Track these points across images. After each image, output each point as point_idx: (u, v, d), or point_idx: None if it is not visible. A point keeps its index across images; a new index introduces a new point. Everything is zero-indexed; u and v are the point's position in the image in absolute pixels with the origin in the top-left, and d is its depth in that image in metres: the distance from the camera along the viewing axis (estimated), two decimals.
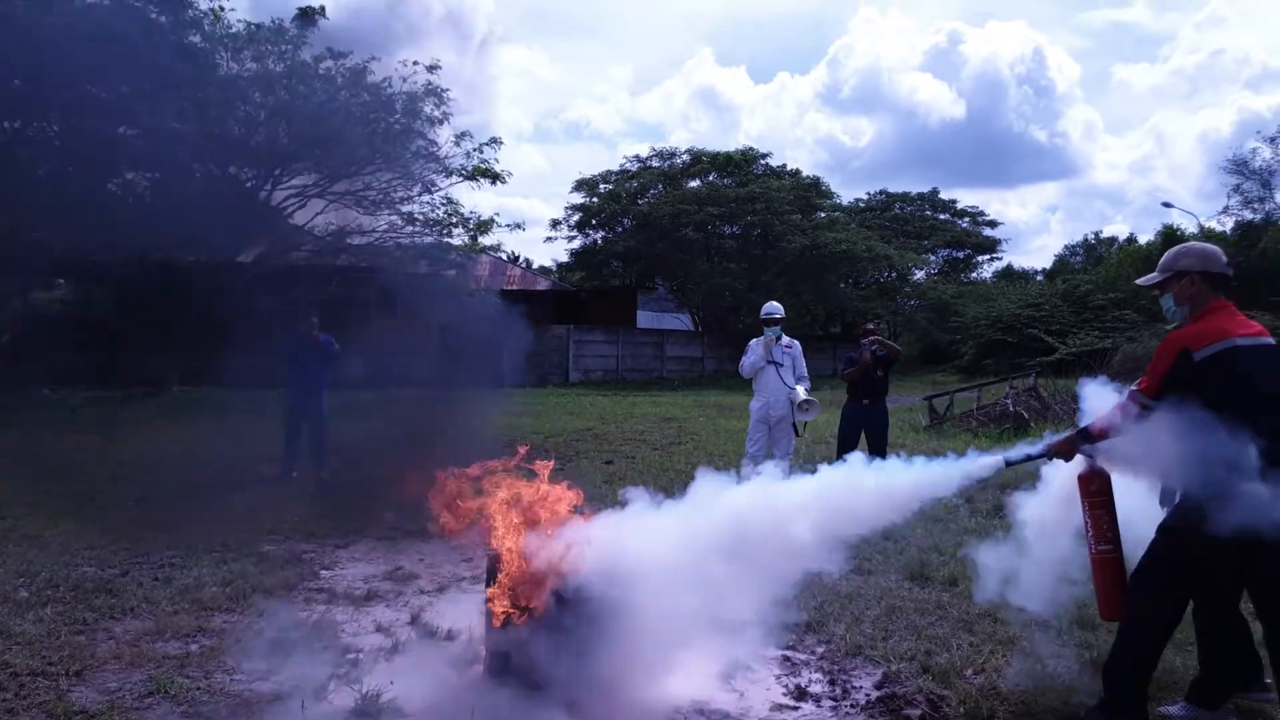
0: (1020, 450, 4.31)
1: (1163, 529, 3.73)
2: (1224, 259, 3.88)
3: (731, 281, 36.18)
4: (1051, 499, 4.63)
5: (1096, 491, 4.03)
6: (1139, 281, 4.20)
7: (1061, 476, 4.45)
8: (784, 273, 37.26)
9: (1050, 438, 4.16)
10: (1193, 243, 4.00)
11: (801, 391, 8.76)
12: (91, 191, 21.44)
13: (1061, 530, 4.49)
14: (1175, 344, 3.61)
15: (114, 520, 7.82)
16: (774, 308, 9.29)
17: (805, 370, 9.15)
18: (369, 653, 4.66)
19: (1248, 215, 45.26)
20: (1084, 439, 3.98)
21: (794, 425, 9.00)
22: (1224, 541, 3.40)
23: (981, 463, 4.34)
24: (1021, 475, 9.91)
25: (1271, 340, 3.69)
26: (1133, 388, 3.78)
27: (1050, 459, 4.15)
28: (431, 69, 22.54)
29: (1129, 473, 4.08)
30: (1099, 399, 4.40)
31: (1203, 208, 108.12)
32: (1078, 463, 4.13)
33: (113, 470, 10.55)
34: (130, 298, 26.18)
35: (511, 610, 4.05)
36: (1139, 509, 4.19)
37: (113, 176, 22.93)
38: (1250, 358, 3.56)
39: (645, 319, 39.73)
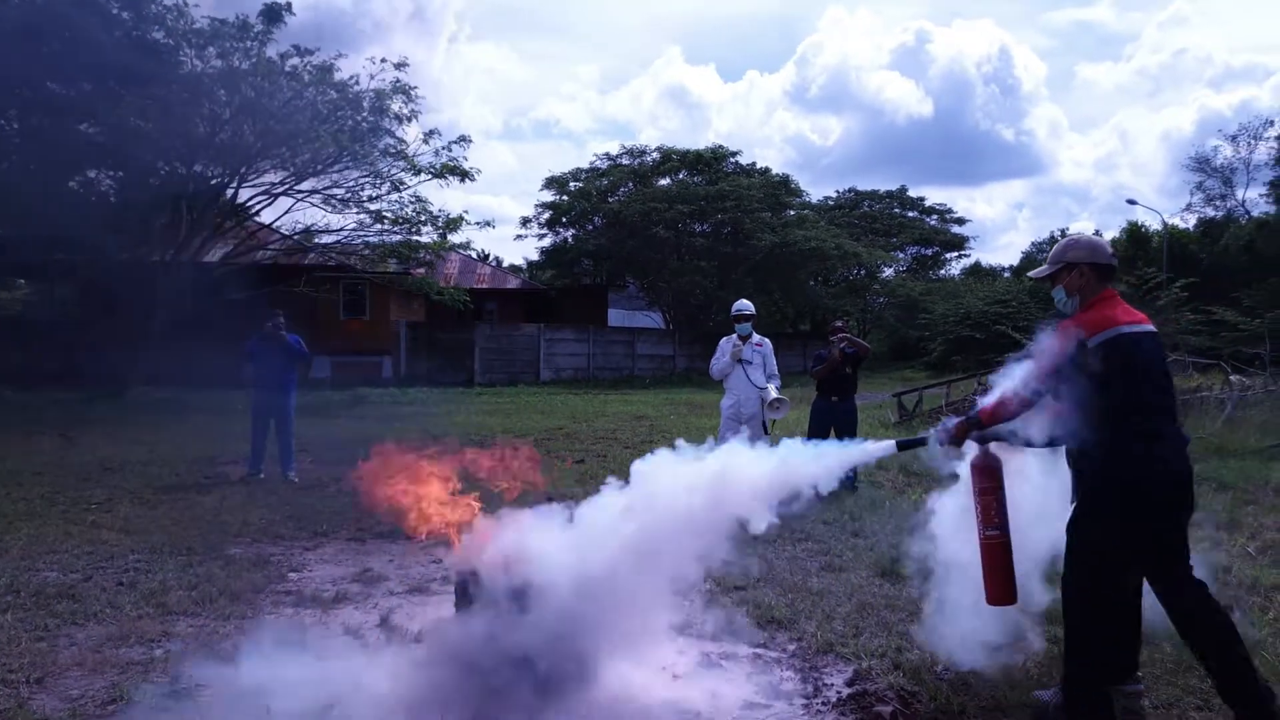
0: (913, 436, 4.39)
1: (1073, 517, 3.81)
2: (1110, 250, 3.99)
3: (702, 279, 36.25)
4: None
5: (987, 477, 4.06)
6: (1031, 274, 4.30)
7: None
8: (754, 270, 37.37)
9: (945, 422, 4.20)
10: (1080, 235, 4.08)
11: (772, 390, 8.70)
12: (52, 190, 21.10)
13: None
14: (1069, 334, 3.73)
15: (76, 523, 7.70)
16: (744, 305, 9.23)
17: (775, 368, 9.08)
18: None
19: (1210, 212, 46.07)
20: (975, 425, 4.04)
21: (764, 423, 8.97)
22: (1133, 516, 3.60)
23: (878, 445, 4.48)
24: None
25: (1152, 328, 3.85)
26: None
27: (942, 444, 4.19)
28: (399, 66, 22.43)
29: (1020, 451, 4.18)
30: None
31: (1166, 204, 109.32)
32: (970, 448, 4.16)
33: (75, 472, 10.38)
34: (92, 297, 25.86)
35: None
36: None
37: (74, 175, 22.59)
38: (1140, 344, 3.73)
39: (616, 317, 39.72)
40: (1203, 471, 9.85)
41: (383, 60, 22.84)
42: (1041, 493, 4.38)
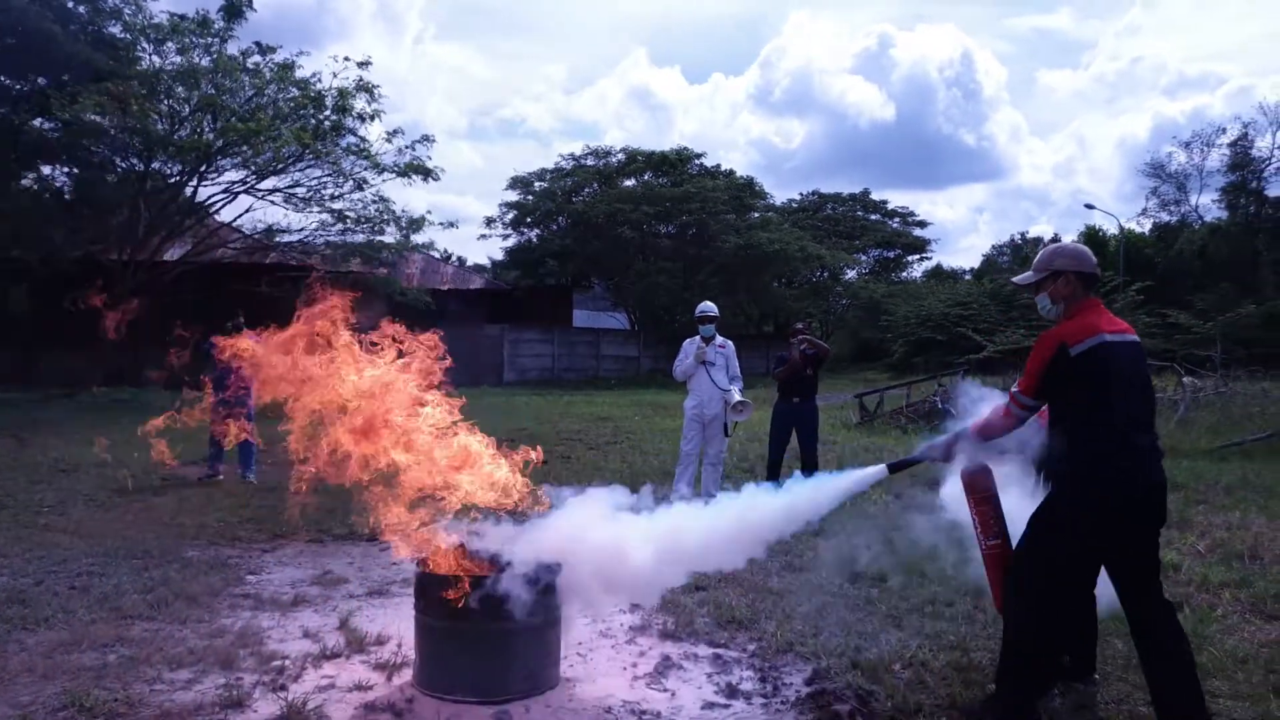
0: (906, 456, 4.43)
1: (1036, 519, 3.84)
2: (1094, 259, 4.01)
3: (667, 280, 36.29)
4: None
5: (980, 489, 4.11)
6: (1015, 280, 4.29)
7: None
8: (719, 272, 37.47)
9: (931, 440, 4.24)
10: (1066, 243, 4.07)
11: (736, 393, 8.73)
12: (5, 187, 20.70)
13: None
14: (1053, 341, 3.73)
15: (27, 527, 7.57)
16: (708, 307, 9.27)
17: (738, 370, 9.13)
18: (295, 659, 4.57)
19: (1165, 217, 46.95)
20: (963, 440, 4.06)
21: (725, 425, 9.00)
22: (1098, 526, 3.61)
23: (868, 473, 4.45)
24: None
25: (1135, 336, 3.87)
26: (1013, 389, 3.87)
27: (931, 461, 4.23)
28: (362, 65, 22.22)
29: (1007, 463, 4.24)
30: (975, 402, 4.46)
31: (1122, 209, 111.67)
32: (961, 463, 4.17)
33: (27, 474, 10.20)
34: (47, 296, 25.35)
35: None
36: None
37: (28, 171, 22.18)
38: (1119, 352, 3.73)
39: (581, 318, 39.66)
40: None
41: (345, 59, 22.66)
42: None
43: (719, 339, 9.16)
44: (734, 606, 5.45)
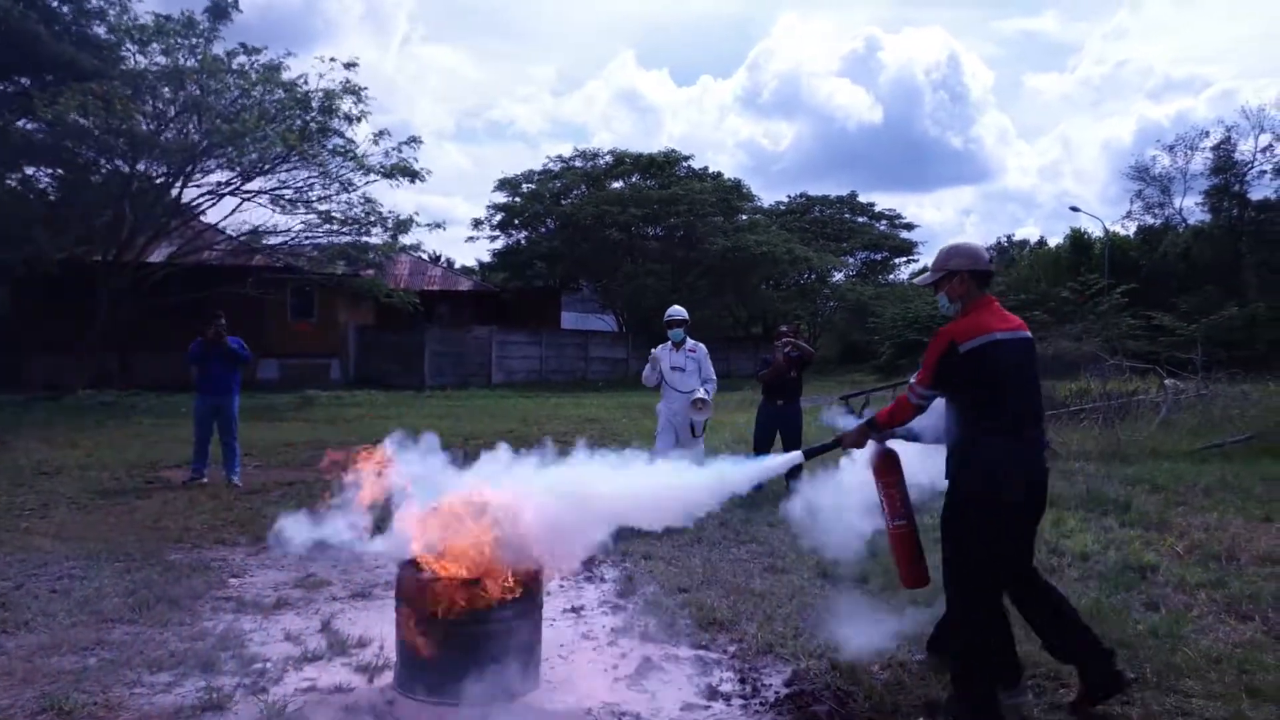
0: (819, 443, 4.71)
1: (947, 508, 4.06)
2: (988, 257, 4.17)
3: (655, 282, 36.34)
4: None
5: (888, 472, 4.37)
6: (917, 281, 4.51)
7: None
8: (706, 274, 37.56)
9: (844, 429, 4.52)
10: (961, 243, 4.22)
11: (700, 391, 8.64)
12: None
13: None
14: (944, 338, 3.94)
15: (9, 530, 7.54)
16: (676, 311, 9.15)
17: (712, 373, 9.03)
18: (277, 662, 4.57)
19: (1149, 220, 47.24)
20: (873, 428, 4.32)
21: (691, 426, 8.90)
22: (1000, 515, 3.88)
23: (787, 458, 4.76)
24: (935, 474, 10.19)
25: (1027, 333, 4.06)
26: (911, 380, 4.12)
27: (845, 448, 4.49)
28: (349, 66, 22.22)
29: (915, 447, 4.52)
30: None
31: (1107, 212, 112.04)
32: (870, 449, 4.44)
33: (8, 477, 10.15)
34: (31, 298, 25.22)
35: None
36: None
37: (11, 172, 22.04)
38: (1006, 349, 3.91)
39: (569, 320, 39.68)
40: (1137, 474, 10.14)
41: (332, 60, 22.68)
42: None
43: (689, 342, 9.06)
44: (715, 608, 5.47)
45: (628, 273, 36.72)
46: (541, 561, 4.31)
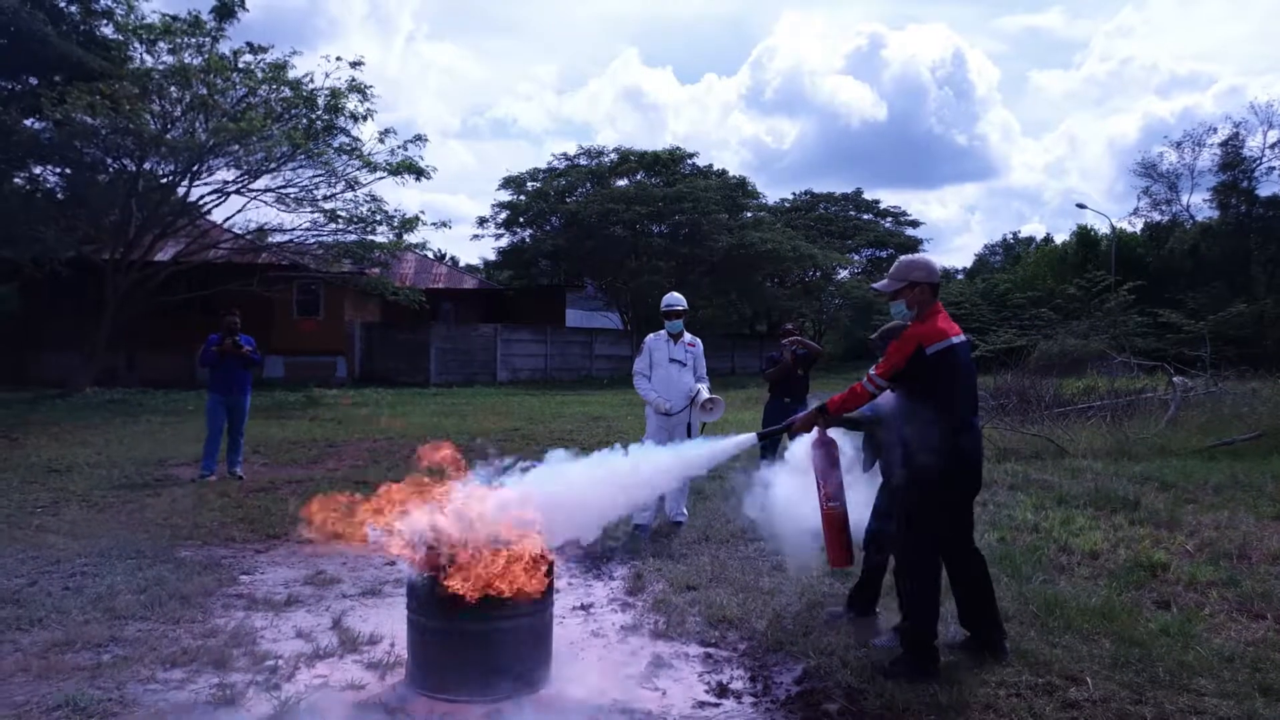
0: (773, 427, 4.92)
1: (905, 487, 4.53)
2: (940, 270, 4.71)
3: (660, 280, 36.22)
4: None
5: (826, 457, 4.75)
6: (874, 287, 4.93)
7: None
8: (711, 271, 37.50)
9: (796, 413, 4.93)
10: (918, 256, 4.75)
11: (705, 390, 7.83)
12: None
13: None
14: (913, 341, 4.44)
15: (21, 527, 7.56)
16: (675, 300, 8.34)
17: (704, 371, 8.20)
18: (288, 659, 4.59)
19: (1156, 217, 47.09)
20: (823, 414, 4.71)
21: (689, 426, 7.95)
22: (951, 485, 4.48)
23: (740, 440, 4.99)
24: None
25: (965, 336, 4.63)
26: (871, 371, 4.56)
27: (794, 433, 4.86)
28: (355, 64, 22.23)
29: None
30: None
31: (1113, 209, 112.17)
32: (813, 434, 4.83)
33: (20, 474, 10.19)
34: (39, 297, 25.30)
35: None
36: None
37: (19, 171, 22.11)
38: (960, 353, 4.52)
39: (574, 318, 39.64)
40: (1145, 472, 10.12)
41: (338, 58, 22.68)
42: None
43: (687, 336, 8.23)
44: (725, 605, 5.48)
45: (632, 270, 36.66)
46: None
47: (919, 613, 4.46)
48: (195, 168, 21.86)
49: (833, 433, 4.83)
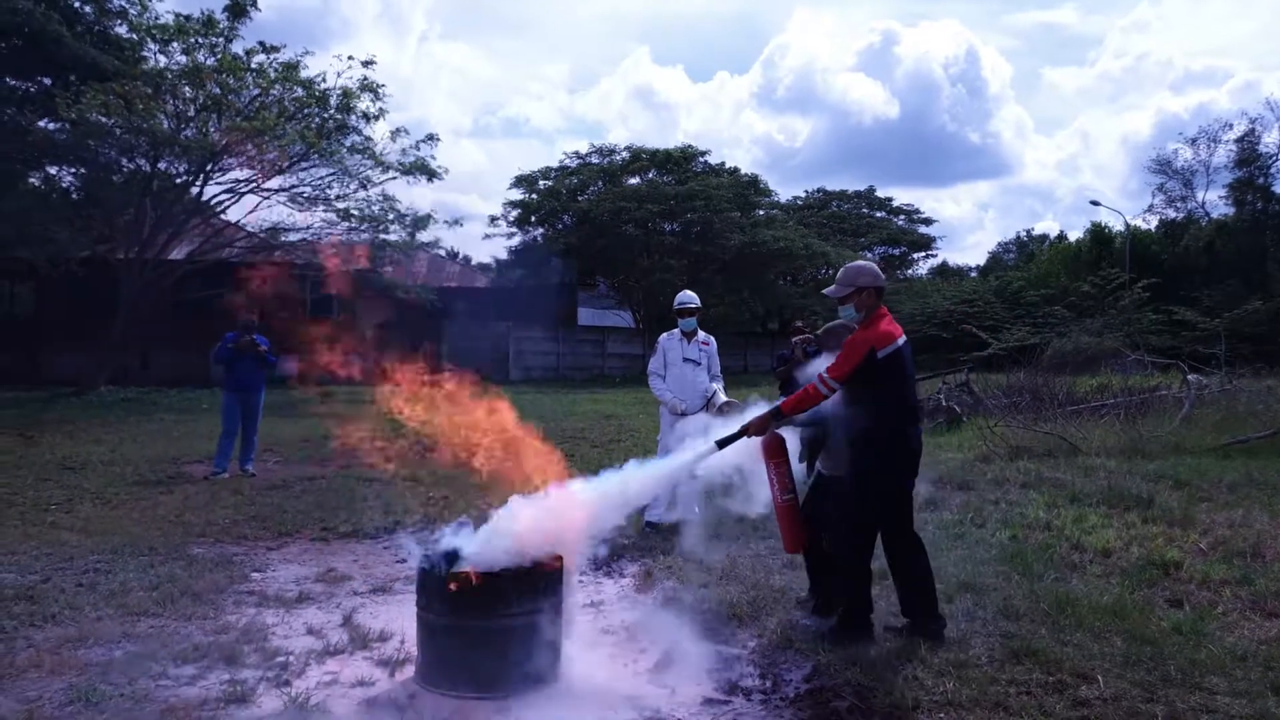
0: (728, 432, 5.10)
1: (853, 478, 4.84)
2: (884, 276, 5.10)
3: (672, 278, 36.23)
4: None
5: (777, 454, 5.03)
6: (826, 292, 5.21)
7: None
8: (723, 269, 37.49)
9: (749, 417, 5.05)
10: (864, 263, 5.12)
11: (720, 393, 7.75)
12: (10, 187, 20.76)
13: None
14: (864, 344, 4.73)
15: (35, 524, 7.62)
16: (688, 298, 8.27)
17: (719, 369, 8.15)
18: (299, 656, 4.61)
19: (1171, 214, 46.75)
20: (777, 416, 4.93)
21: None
22: (896, 476, 4.83)
23: (701, 451, 5.11)
24: (954, 469, 10.16)
25: (905, 337, 4.92)
26: (822, 373, 4.80)
27: (750, 434, 4.98)
28: (367, 64, 22.28)
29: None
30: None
31: (1127, 205, 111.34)
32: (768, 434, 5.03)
33: (34, 472, 10.26)
34: (54, 296, 25.47)
35: None
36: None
37: (34, 170, 22.26)
38: (905, 353, 4.86)
39: (586, 316, 39.68)
40: (1159, 470, 10.05)
41: (350, 58, 22.71)
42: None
43: (701, 334, 8.15)
44: (735, 603, 5.47)
45: (644, 269, 36.65)
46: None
47: (856, 595, 4.85)
48: (209, 167, 21.96)
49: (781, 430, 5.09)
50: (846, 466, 4.88)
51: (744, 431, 4.99)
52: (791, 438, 5.23)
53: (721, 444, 5.02)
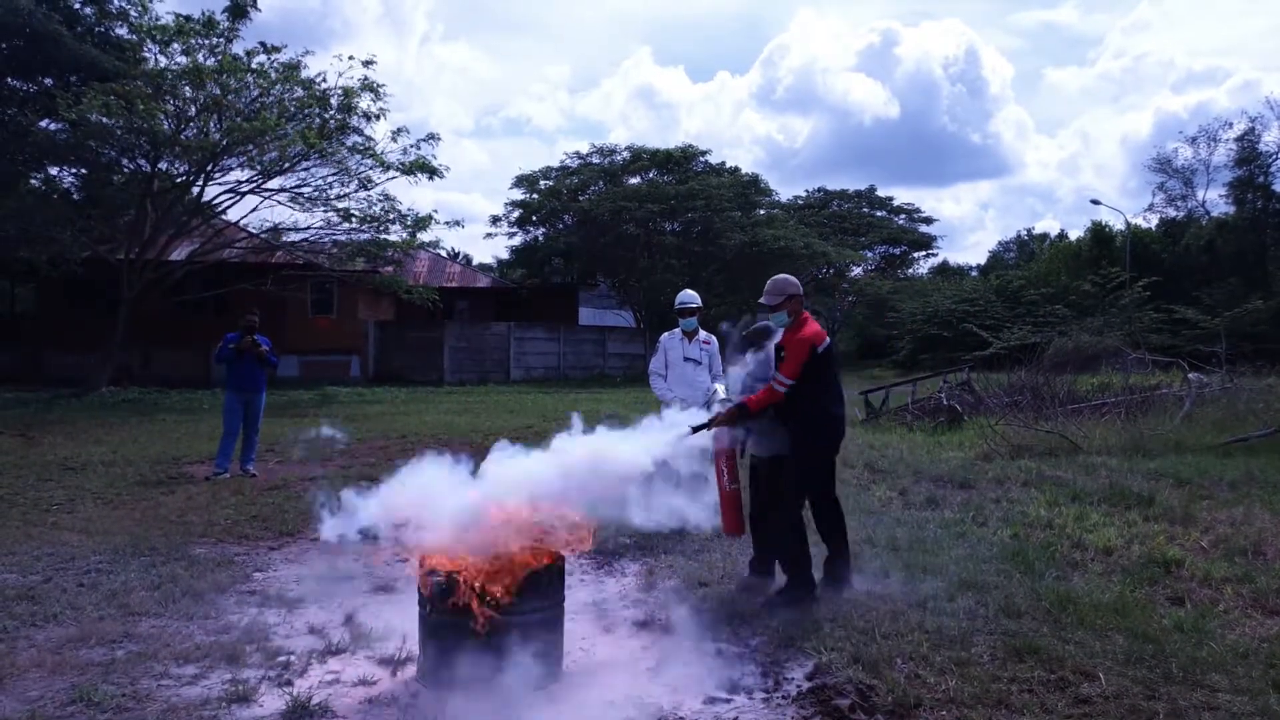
0: (699, 420, 5.56)
1: (799, 454, 5.56)
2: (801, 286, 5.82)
3: (673, 278, 36.20)
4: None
5: (728, 444, 5.74)
6: (762, 301, 5.73)
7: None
8: (724, 269, 37.44)
9: (718, 409, 5.69)
10: (788, 276, 5.75)
11: (721, 391, 7.59)
12: (11, 187, 20.77)
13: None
14: (807, 343, 5.44)
15: (36, 524, 7.63)
16: (689, 297, 8.29)
17: (721, 369, 8.04)
18: (301, 655, 4.61)
19: (1171, 213, 46.65)
20: (744, 411, 5.50)
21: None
22: (832, 449, 5.68)
23: (672, 436, 5.39)
24: (956, 468, 10.16)
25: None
26: (777, 374, 5.47)
27: (720, 426, 5.53)
28: (367, 64, 22.27)
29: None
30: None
31: (1128, 205, 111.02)
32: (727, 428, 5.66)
33: (36, 472, 10.27)
34: (55, 296, 25.51)
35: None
36: None
37: (35, 171, 22.27)
38: (832, 347, 5.61)
39: (587, 316, 39.67)
40: (1160, 468, 10.05)
41: (350, 58, 22.69)
42: None
43: (702, 334, 8.19)
44: (736, 601, 5.47)
45: (645, 268, 36.62)
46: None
47: (798, 560, 5.51)
48: (209, 167, 21.96)
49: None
50: (789, 446, 5.57)
51: (714, 422, 5.52)
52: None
53: (695, 430, 5.45)
